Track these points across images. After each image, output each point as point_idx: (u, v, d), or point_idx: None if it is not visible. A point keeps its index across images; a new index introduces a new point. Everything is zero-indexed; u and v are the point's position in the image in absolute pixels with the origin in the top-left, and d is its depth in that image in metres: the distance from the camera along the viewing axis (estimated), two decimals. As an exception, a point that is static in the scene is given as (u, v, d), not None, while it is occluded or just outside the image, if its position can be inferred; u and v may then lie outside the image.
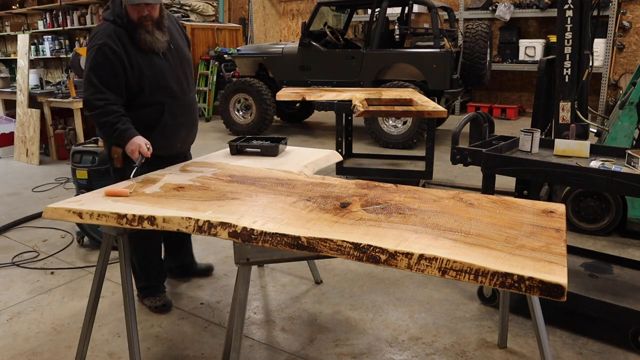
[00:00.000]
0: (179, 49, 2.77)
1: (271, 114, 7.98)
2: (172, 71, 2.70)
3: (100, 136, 3.09)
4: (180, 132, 2.82)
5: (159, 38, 2.61)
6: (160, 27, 2.63)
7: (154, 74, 2.63)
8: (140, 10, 2.53)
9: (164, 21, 2.65)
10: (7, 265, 3.58)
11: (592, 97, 8.10)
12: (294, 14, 12.50)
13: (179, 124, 2.78)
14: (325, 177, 2.39)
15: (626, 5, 8.68)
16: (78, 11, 7.18)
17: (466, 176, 5.49)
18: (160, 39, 2.61)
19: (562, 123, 3.43)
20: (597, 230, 3.87)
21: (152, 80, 2.63)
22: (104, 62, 2.51)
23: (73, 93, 6.40)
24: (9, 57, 8.81)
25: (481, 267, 1.46)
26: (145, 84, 2.61)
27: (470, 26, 7.51)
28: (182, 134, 2.84)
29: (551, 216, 1.89)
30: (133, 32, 2.57)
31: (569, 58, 3.35)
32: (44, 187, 5.45)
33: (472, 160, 2.72)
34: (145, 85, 2.61)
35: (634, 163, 2.51)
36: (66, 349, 2.59)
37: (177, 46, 2.76)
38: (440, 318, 2.82)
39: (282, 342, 2.63)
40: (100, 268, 2.29)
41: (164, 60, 2.68)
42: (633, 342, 2.49)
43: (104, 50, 2.51)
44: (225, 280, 3.30)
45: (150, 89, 2.63)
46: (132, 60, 2.57)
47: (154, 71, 2.63)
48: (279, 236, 1.71)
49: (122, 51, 2.53)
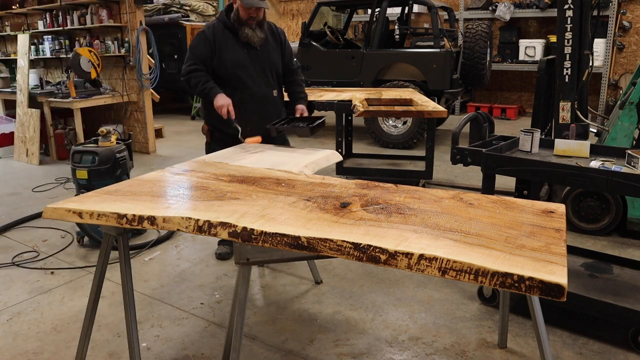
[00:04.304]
0: (267, 52, 3.31)
1: (271, 114, 7.97)
2: (252, 65, 3.25)
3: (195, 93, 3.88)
4: (249, 118, 3.23)
5: (257, 34, 3.21)
6: (261, 27, 3.23)
7: (233, 62, 3.20)
8: (250, 11, 3.15)
9: (264, 23, 3.25)
10: (7, 265, 3.58)
11: (592, 97, 8.11)
12: (294, 14, 12.50)
13: (248, 110, 3.24)
14: (325, 177, 2.38)
15: (626, 5, 8.68)
16: (78, 11, 7.17)
17: (466, 176, 5.49)
18: (258, 35, 3.21)
19: (562, 123, 3.43)
20: (597, 230, 3.87)
21: (230, 67, 3.21)
22: (199, 43, 3.23)
23: (73, 93, 6.39)
24: (9, 57, 8.79)
25: (481, 267, 1.46)
26: (224, 69, 3.21)
27: (470, 26, 7.51)
28: (252, 120, 3.23)
29: (551, 216, 1.89)
30: (238, 27, 3.19)
31: (569, 58, 3.35)
32: (44, 187, 5.45)
33: (472, 160, 2.72)
34: (223, 70, 3.21)
35: (634, 163, 2.51)
36: (66, 349, 2.59)
37: (266, 49, 3.31)
38: (440, 318, 2.82)
39: (282, 342, 2.63)
40: (100, 268, 2.29)
41: (248, 55, 3.23)
42: (633, 342, 2.49)
43: (200, 35, 3.24)
44: (225, 280, 3.30)
45: (227, 74, 3.21)
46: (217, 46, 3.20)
47: (234, 60, 3.21)
48: (279, 236, 1.71)
49: (212, 39, 3.20)
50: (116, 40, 6.87)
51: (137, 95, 6.89)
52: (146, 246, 3.80)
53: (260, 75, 3.28)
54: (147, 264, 3.58)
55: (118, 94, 6.89)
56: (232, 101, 3.15)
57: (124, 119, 7.17)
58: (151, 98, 7.04)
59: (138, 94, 6.87)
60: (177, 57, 10.00)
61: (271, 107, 3.34)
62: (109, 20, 6.83)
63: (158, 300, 3.07)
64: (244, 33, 3.17)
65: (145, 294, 3.14)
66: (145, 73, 6.75)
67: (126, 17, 6.73)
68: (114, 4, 6.83)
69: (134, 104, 7.00)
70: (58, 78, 7.95)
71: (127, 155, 3.91)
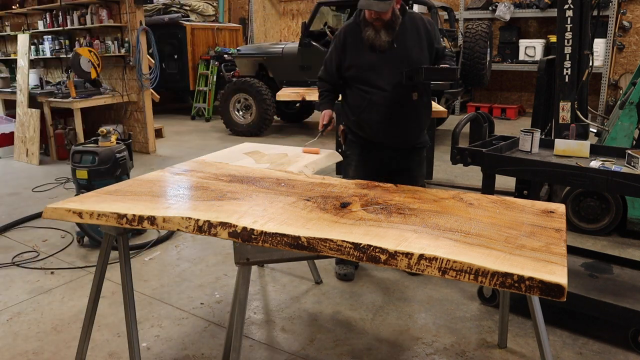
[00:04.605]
0: (405, 50, 2.93)
1: (271, 114, 7.98)
2: (382, 66, 2.93)
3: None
4: (381, 122, 2.97)
5: (381, 37, 2.88)
6: (388, 28, 2.88)
7: (360, 65, 2.96)
8: (370, 12, 2.86)
9: (395, 23, 2.89)
10: (7, 265, 3.57)
11: (592, 97, 8.10)
12: (294, 14, 12.51)
13: (380, 114, 2.95)
14: (325, 177, 2.38)
15: (626, 5, 8.68)
16: (78, 11, 7.17)
17: (466, 176, 5.49)
18: (382, 38, 2.88)
19: (562, 123, 3.43)
20: (597, 230, 3.87)
21: (358, 69, 2.97)
22: (331, 50, 3.10)
23: (73, 93, 6.39)
24: (9, 57, 8.79)
25: (481, 267, 1.46)
26: (353, 70, 3.00)
27: (470, 26, 7.51)
28: (384, 125, 2.98)
29: (551, 216, 1.89)
30: (363, 28, 2.92)
31: (569, 58, 3.35)
32: (44, 187, 5.45)
33: (472, 160, 2.72)
34: (353, 71, 3.00)
35: (634, 163, 2.51)
36: (66, 349, 2.59)
37: (404, 47, 2.93)
38: (440, 318, 2.82)
39: (282, 342, 2.63)
40: (100, 268, 2.29)
41: (378, 56, 2.93)
42: (633, 342, 2.49)
43: (333, 40, 3.10)
44: (225, 280, 3.30)
45: (356, 76, 2.99)
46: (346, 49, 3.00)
47: (361, 62, 2.96)
48: (279, 236, 1.71)
49: (342, 42, 3.01)
50: (116, 40, 6.87)
51: (137, 95, 6.89)
52: (146, 246, 3.80)
53: (395, 76, 2.91)
54: (147, 264, 3.58)
55: (118, 94, 6.89)
56: (363, 103, 2.97)
57: (124, 119, 7.17)
58: (151, 98, 7.04)
59: (138, 94, 6.87)
60: (177, 57, 10.00)
61: (407, 110, 2.97)
62: (109, 20, 6.83)
63: (158, 300, 3.07)
64: (366, 35, 2.90)
65: (145, 294, 3.14)
66: (145, 73, 6.75)
67: (126, 17, 6.73)
68: (114, 4, 6.83)
69: (134, 104, 7.00)
70: (58, 78, 7.95)
71: (127, 155, 3.91)
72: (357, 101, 3.00)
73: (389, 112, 2.94)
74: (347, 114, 3.11)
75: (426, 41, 2.98)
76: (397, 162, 3.09)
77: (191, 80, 10.00)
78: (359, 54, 2.96)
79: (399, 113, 2.96)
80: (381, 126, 2.98)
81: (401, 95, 2.94)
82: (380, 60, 2.92)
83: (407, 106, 2.97)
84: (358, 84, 2.99)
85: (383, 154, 3.07)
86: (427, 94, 3.06)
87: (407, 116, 2.99)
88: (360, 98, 2.99)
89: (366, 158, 3.10)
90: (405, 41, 2.94)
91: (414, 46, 2.95)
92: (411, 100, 2.96)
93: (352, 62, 2.98)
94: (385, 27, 2.87)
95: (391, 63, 2.91)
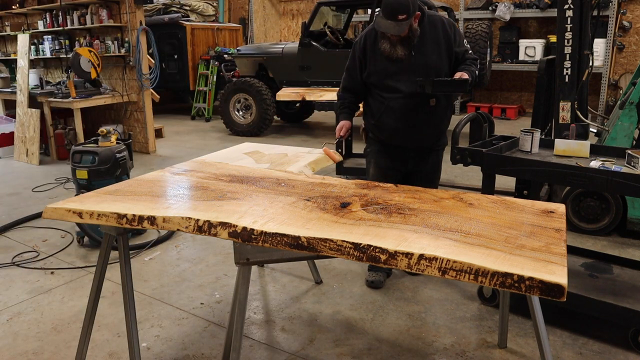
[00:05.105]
0: (423, 57, 2.88)
1: (271, 114, 7.98)
2: (401, 74, 2.90)
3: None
4: (399, 127, 2.98)
5: (397, 51, 2.84)
6: (404, 43, 2.83)
7: (379, 72, 2.95)
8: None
9: (412, 38, 2.82)
10: (7, 265, 3.57)
11: (592, 97, 8.10)
12: (294, 14, 12.51)
13: (398, 119, 2.96)
14: (325, 177, 2.39)
15: (626, 5, 8.68)
16: (78, 11, 7.17)
17: (466, 176, 5.49)
18: (398, 52, 2.84)
19: (562, 123, 3.43)
20: (597, 230, 3.86)
21: (377, 76, 2.97)
22: (351, 58, 3.08)
23: (73, 93, 6.39)
24: (9, 57, 8.79)
25: (481, 267, 1.46)
26: (373, 77, 2.99)
27: (470, 26, 7.52)
28: (401, 129, 2.99)
29: (551, 216, 1.89)
30: (380, 39, 2.88)
31: (569, 58, 3.35)
32: (44, 187, 5.45)
33: (472, 160, 2.72)
34: (373, 78, 2.99)
35: (634, 163, 2.51)
36: (66, 349, 2.59)
37: (422, 54, 2.88)
38: (440, 318, 2.82)
39: (282, 342, 2.63)
40: (100, 268, 2.29)
41: (397, 64, 2.89)
42: (633, 342, 2.49)
43: (353, 47, 3.09)
44: (225, 280, 3.30)
45: (376, 82, 2.99)
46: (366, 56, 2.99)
47: (380, 69, 2.94)
48: (279, 236, 1.71)
49: (362, 49, 3.00)
50: (116, 40, 6.87)
51: (137, 95, 6.89)
52: (146, 246, 3.80)
53: (412, 84, 2.86)
54: (147, 264, 3.58)
55: (118, 94, 6.89)
56: (381, 108, 2.98)
57: (124, 119, 7.17)
58: (151, 98, 7.04)
59: (138, 94, 6.87)
60: (177, 57, 10.00)
61: (425, 116, 2.94)
62: (109, 20, 6.83)
63: (158, 300, 3.07)
64: (382, 47, 2.86)
65: (145, 294, 3.14)
66: (145, 73, 6.75)
67: (126, 17, 6.73)
68: (114, 4, 6.83)
69: (134, 104, 7.00)
70: (58, 78, 7.95)
71: (127, 155, 3.91)
72: (376, 106, 3.03)
73: (405, 118, 2.94)
74: (367, 116, 3.14)
75: (445, 45, 2.92)
76: (415, 162, 3.09)
77: (191, 80, 10.00)
78: (377, 62, 2.96)
79: (416, 119, 2.95)
80: (399, 131, 2.99)
81: (418, 102, 2.91)
82: (398, 69, 2.90)
83: (424, 112, 2.94)
84: (377, 89, 3.01)
85: (401, 154, 3.09)
86: (445, 97, 3.00)
87: (424, 121, 2.97)
88: (379, 103, 3.01)
89: (385, 156, 3.13)
90: (423, 49, 2.89)
91: (432, 53, 2.90)
92: (429, 106, 2.93)
93: (372, 69, 2.98)
94: (402, 42, 2.82)
95: (409, 71, 2.88)
